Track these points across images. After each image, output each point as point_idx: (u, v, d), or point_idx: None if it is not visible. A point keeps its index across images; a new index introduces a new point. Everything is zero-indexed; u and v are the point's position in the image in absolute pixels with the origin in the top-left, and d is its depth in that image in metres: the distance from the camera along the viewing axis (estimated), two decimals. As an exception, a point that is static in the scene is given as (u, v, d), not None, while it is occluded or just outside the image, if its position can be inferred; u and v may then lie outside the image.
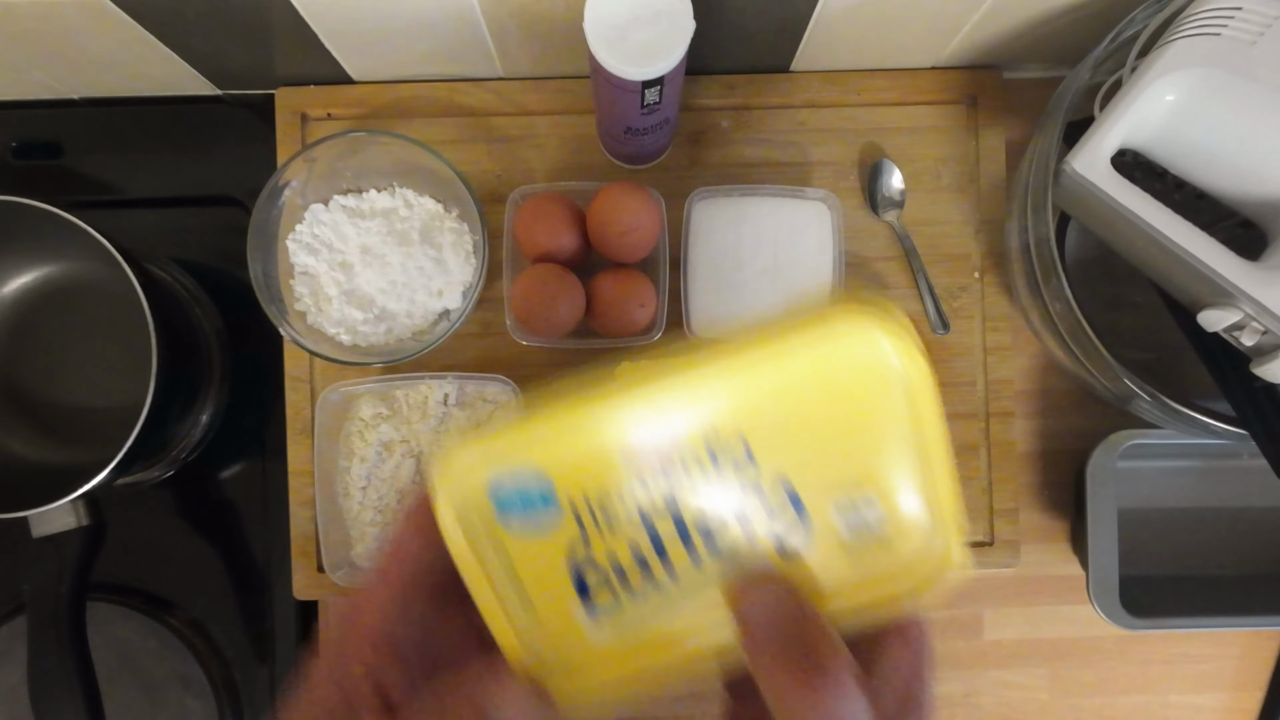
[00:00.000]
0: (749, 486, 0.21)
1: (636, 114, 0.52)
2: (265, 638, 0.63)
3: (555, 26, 0.55)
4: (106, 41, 0.55)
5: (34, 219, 0.54)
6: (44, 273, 0.62)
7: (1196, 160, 0.48)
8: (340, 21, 0.53)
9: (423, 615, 0.23)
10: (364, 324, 0.59)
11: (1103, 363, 0.52)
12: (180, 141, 0.65)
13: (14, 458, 0.61)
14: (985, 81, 0.64)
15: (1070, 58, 0.54)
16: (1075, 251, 0.60)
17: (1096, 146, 0.47)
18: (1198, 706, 0.66)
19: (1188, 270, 0.46)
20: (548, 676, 0.22)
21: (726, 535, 0.21)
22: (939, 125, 0.65)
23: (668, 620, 0.22)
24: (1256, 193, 0.48)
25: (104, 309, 0.62)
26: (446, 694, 0.21)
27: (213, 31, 0.54)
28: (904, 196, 0.64)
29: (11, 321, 0.62)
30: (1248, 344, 0.46)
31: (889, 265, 0.64)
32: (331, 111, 0.64)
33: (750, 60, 0.63)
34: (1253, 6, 0.44)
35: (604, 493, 0.21)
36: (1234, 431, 0.51)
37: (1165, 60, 0.46)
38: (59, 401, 0.62)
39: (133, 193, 0.65)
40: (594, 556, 0.21)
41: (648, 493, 0.21)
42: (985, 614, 0.65)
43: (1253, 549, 0.66)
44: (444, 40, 0.56)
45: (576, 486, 0.21)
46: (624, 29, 0.46)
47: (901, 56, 0.63)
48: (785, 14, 0.55)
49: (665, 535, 0.21)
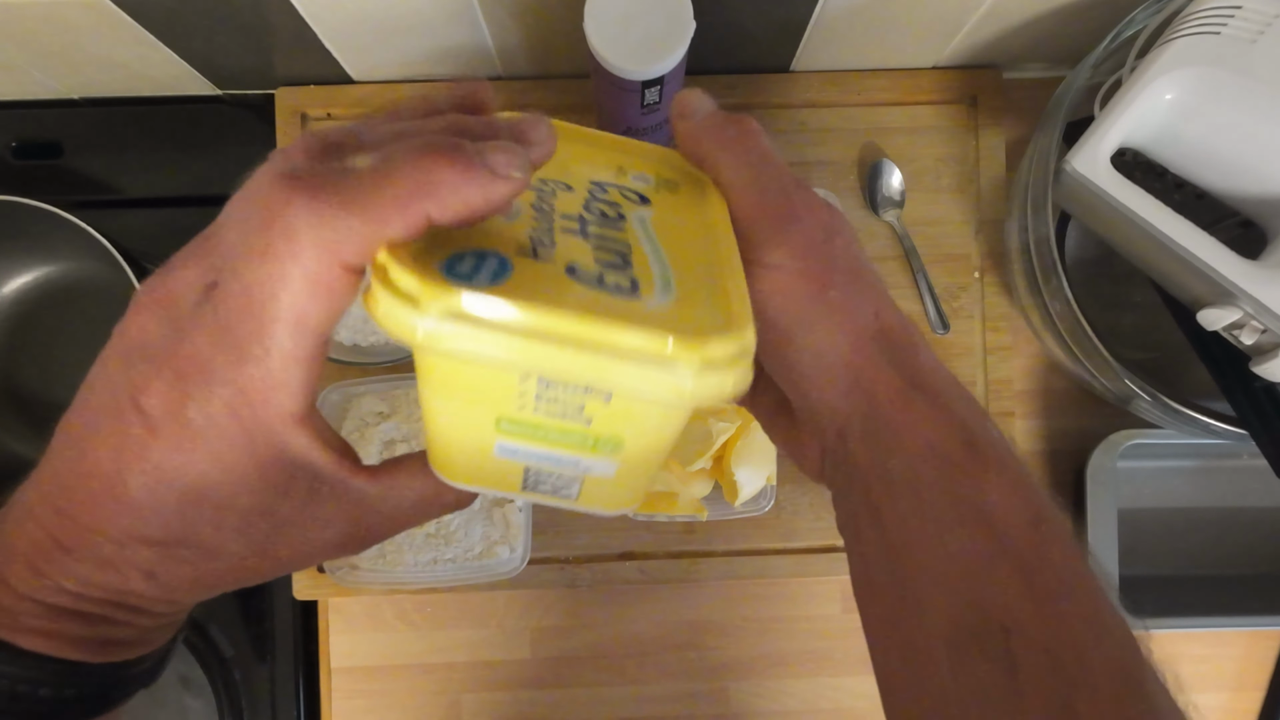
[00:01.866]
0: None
1: (636, 113, 0.52)
2: (265, 638, 0.63)
3: (555, 26, 0.55)
4: (106, 41, 0.55)
5: (34, 219, 0.54)
6: (44, 273, 0.62)
7: (1196, 159, 0.49)
8: (340, 21, 0.53)
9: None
10: (364, 323, 0.59)
11: (1103, 363, 0.52)
12: (180, 141, 0.65)
13: (14, 457, 0.61)
14: (985, 81, 0.64)
15: (1070, 58, 0.54)
16: (1075, 251, 0.60)
17: (1096, 146, 0.47)
18: (1197, 706, 0.66)
19: (1187, 269, 0.46)
20: None
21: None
22: (939, 125, 0.65)
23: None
24: (1256, 192, 0.48)
25: (104, 309, 0.62)
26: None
27: (213, 32, 0.54)
28: (904, 196, 0.64)
29: (11, 321, 0.62)
30: (1247, 343, 0.46)
31: (889, 265, 0.64)
32: (331, 111, 0.64)
33: (750, 60, 0.63)
34: (1253, 5, 0.44)
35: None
36: (1234, 431, 0.51)
37: (1165, 59, 0.46)
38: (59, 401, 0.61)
39: (133, 193, 0.65)
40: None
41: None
42: (985, 614, 0.65)
43: (1252, 549, 0.66)
44: (444, 40, 0.56)
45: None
46: (624, 28, 0.46)
47: (901, 56, 0.63)
48: (785, 14, 0.55)
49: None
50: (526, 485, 0.22)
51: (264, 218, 0.19)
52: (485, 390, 0.19)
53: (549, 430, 0.20)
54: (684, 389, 0.18)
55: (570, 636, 0.64)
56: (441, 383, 0.20)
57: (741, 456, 0.57)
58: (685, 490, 0.58)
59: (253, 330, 0.19)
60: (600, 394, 0.19)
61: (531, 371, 0.19)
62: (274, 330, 0.19)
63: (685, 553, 0.63)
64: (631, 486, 0.23)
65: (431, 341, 0.18)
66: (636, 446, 0.21)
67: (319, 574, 0.61)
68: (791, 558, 0.63)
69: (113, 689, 0.24)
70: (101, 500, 0.21)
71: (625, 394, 0.19)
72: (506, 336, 0.18)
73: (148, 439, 0.20)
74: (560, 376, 0.19)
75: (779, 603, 0.65)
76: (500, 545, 0.60)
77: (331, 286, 0.19)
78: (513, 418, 0.20)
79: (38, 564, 0.22)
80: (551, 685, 0.64)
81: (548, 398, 0.19)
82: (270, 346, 0.19)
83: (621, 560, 0.63)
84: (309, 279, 0.19)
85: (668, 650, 0.64)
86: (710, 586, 0.64)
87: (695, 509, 0.59)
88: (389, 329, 0.18)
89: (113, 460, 0.21)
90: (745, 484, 0.57)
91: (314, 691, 0.64)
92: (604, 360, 0.18)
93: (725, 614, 0.64)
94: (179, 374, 0.20)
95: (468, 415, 0.20)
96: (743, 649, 0.65)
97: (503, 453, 0.21)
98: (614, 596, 0.64)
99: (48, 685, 0.23)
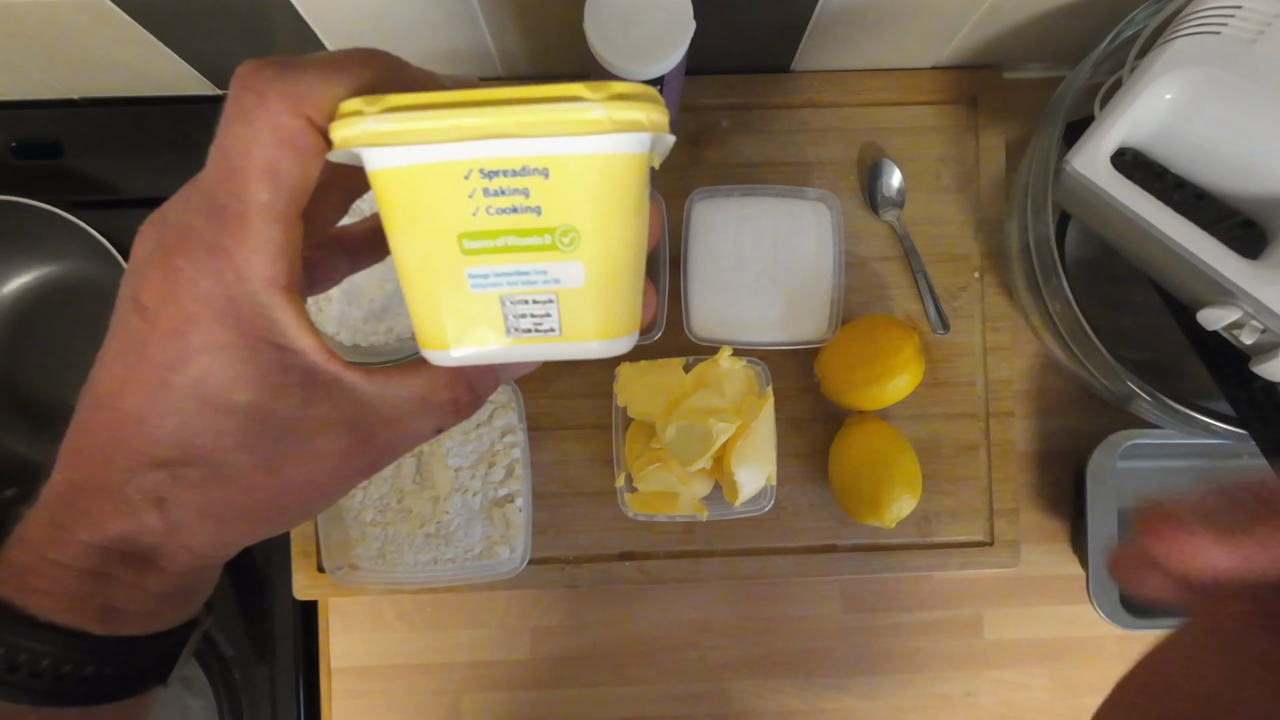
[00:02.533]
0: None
1: (636, 114, 0.52)
2: (265, 638, 0.63)
3: (555, 26, 0.55)
4: (106, 41, 0.55)
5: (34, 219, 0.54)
6: (44, 273, 0.62)
7: (1196, 159, 0.49)
8: (340, 21, 0.53)
9: None
10: (365, 323, 0.59)
11: (1103, 363, 0.52)
12: (180, 141, 0.65)
13: (14, 457, 0.61)
14: (985, 81, 0.64)
15: (1070, 58, 0.54)
16: (1075, 251, 0.60)
17: (1096, 145, 0.47)
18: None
19: (1187, 269, 0.46)
20: None
21: None
22: (939, 125, 0.65)
23: None
24: (1256, 191, 0.48)
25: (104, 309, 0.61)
26: None
27: (213, 31, 0.54)
28: (904, 196, 0.64)
29: (11, 321, 0.62)
30: (1247, 342, 0.46)
31: (889, 265, 0.64)
32: (331, 111, 0.64)
33: (750, 60, 0.63)
34: (1253, 5, 0.44)
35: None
36: (1234, 431, 0.51)
37: (1165, 59, 0.46)
38: (59, 401, 0.62)
39: (133, 193, 0.65)
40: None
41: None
42: (985, 614, 0.65)
43: (1253, 549, 0.66)
44: (444, 40, 0.56)
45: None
46: (624, 28, 0.46)
47: (901, 56, 0.63)
48: (785, 14, 0.55)
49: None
50: (509, 329, 0.23)
51: (237, 89, 0.21)
52: (438, 203, 0.22)
53: (507, 234, 0.22)
54: (601, 120, 0.21)
55: (570, 636, 0.64)
56: (401, 208, 0.22)
57: (741, 456, 0.57)
58: (685, 490, 0.58)
59: (230, 189, 0.21)
60: (538, 171, 0.21)
61: (471, 163, 0.21)
62: (250, 185, 0.21)
63: (685, 553, 0.63)
64: (609, 302, 0.23)
65: (373, 137, 0.21)
66: (596, 239, 0.22)
67: (319, 574, 0.61)
68: (791, 558, 0.63)
69: (114, 673, 0.24)
70: (109, 423, 0.22)
71: (558, 162, 0.21)
72: (436, 114, 0.21)
73: (147, 332, 0.22)
74: (494, 152, 0.21)
75: (779, 603, 0.65)
76: (500, 545, 0.60)
77: (297, 139, 0.21)
78: (471, 231, 0.22)
79: (56, 514, 0.23)
80: (551, 685, 0.64)
81: (494, 191, 0.21)
82: (248, 200, 0.21)
83: (621, 560, 0.63)
84: (276, 130, 0.21)
85: (668, 650, 0.64)
86: (710, 586, 0.64)
87: (695, 509, 0.59)
88: (346, 141, 0.21)
89: (118, 374, 0.22)
90: (745, 484, 0.57)
91: (314, 691, 0.64)
92: (524, 114, 0.20)
93: (725, 614, 0.65)
94: (168, 256, 0.21)
95: (432, 246, 0.22)
96: (743, 649, 0.65)
97: (475, 284, 0.22)
98: (614, 596, 0.64)
99: (49, 657, 0.23)
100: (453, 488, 0.60)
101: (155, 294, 0.22)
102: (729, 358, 0.58)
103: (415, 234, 0.22)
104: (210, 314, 0.21)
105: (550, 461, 0.63)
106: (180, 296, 0.21)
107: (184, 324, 0.21)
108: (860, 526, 0.63)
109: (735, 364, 0.59)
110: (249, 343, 0.22)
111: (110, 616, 0.24)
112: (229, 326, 0.21)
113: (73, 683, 0.23)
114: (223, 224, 0.21)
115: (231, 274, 0.21)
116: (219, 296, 0.21)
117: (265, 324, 0.22)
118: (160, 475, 0.22)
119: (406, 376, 0.24)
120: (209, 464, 0.23)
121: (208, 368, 0.22)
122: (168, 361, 0.22)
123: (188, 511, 0.23)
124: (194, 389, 0.22)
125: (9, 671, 0.22)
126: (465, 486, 0.61)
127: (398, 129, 0.21)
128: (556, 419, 0.64)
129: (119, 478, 0.22)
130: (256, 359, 0.22)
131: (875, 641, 0.65)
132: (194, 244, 0.21)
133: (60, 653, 0.23)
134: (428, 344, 0.24)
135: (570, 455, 0.63)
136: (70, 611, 0.23)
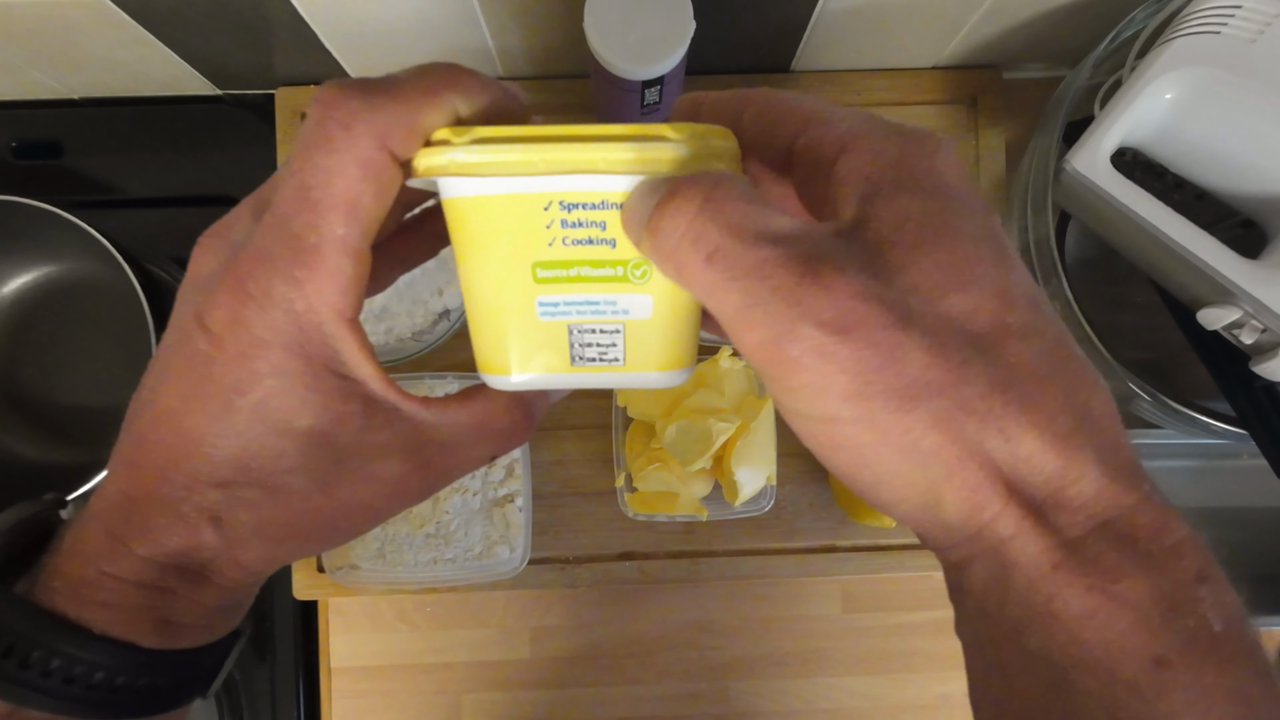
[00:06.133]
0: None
1: (636, 114, 0.52)
2: (265, 638, 0.63)
3: (555, 26, 0.55)
4: (106, 41, 0.55)
5: (34, 219, 0.54)
6: (44, 273, 0.62)
7: (1196, 159, 0.49)
8: (340, 21, 0.53)
9: None
10: (364, 324, 0.59)
11: (1103, 363, 0.52)
12: (180, 141, 0.65)
13: (14, 457, 0.61)
14: (985, 81, 0.64)
15: (1070, 58, 0.54)
16: (1075, 251, 0.60)
17: (1096, 145, 0.47)
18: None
19: (1187, 268, 0.46)
20: None
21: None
22: (939, 125, 0.65)
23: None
24: (1256, 191, 0.48)
25: (104, 309, 0.62)
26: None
27: (213, 32, 0.54)
28: (904, 196, 0.64)
29: (11, 321, 0.62)
30: (1247, 342, 0.46)
31: (889, 265, 0.64)
32: (331, 111, 0.64)
33: (750, 60, 0.63)
34: (1253, 5, 0.44)
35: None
36: (1234, 431, 0.51)
37: (1165, 59, 0.46)
38: (59, 401, 0.62)
39: (133, 193, 0.65)
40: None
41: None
42: (985, 614, 0.65)
43: (1252, 549, 0.66)
44: (444, 40, 0.56)
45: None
46: (624, 28, 0.46)
47: (901, 56, 0.63)
48: (785, 14, 0.55)
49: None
50: (574, 356, 0.23)
51: (320, 116, 0.21)
52: (516, 232, 0.22)
53: (581, 265, 0.22)
54: (683, 159, 0.21)
55: (570, 636, 0.64)
56: (478, 235, 0.22)
57: (741, 456, 0.57)
58: (685, 490, 0.58)
59: (308, 220, 0.21)
60: (616, 206, 0.22)
61: (553, 195, 0.21)
62: (328, 217, 0.21)
63: (685, 553, 0.63)
64: (673, 335, 0.23)
65: (460, 168, 0.21)
66: None
67: (319, 574, 0.61)
68: (791, 558, 0.63)
69: (164, 685, 0.24)
70: (169, 440, 0.22)
71: None
72: (523, 147, 0.21)
73: (213, 354, 0.22)
74: (576, 185, 0.21)
75: (779, 603, 0.65)
76: (500, 545, 0.60)
77: (380, 172, 0.21)
78: (546, 260, 0.22)
79: (112, 526, 0.23)
80: (551, 685, 0.64)
81: (572, 223, 0.22)
82: (325, 233, 0.21)
83: (621, 560, 0.63)
84: (361, 163, 0.21)
85: (668, 650, 0.64)
86: (710, 586, 0.64)
87: (695, 509, 0.59)
88: (431, 170, 0.21)
89: (180, 392, 0.22)
90: (745, 484, 0.57)
91: (314, 691, 0.64)
92: (610, 150, 0.21)
93: (725, 614, 0.65)
94: (239, 280, 0.21)
95: (506, 274, 0.22)
96: (743, 649, 0.65)
97: (545, 312, 0.23)
98: (614, 596, 0.64)
99: (104, 669, 0.23)
100: (452, 488, 0.60)
101: (224, 317, 0.22)
102: (729, 358, 0.58)
103: (489, 260, 0.22)
104: (279, 342, 0.21)
105: (550, 461, 0.63)
106: (250, 322, 0.21)
107: (252, 349, 0.21)
108: (860, 526, 0.63)
109: (735, 364, 0.59)
110: (314, 370, 0.22)
111: (165, 629, 0.24)
112: (295, 355, 0.22)
113: (126, 694, 0.23)
114: (298, 255, 0.21)
115: (302, 304, 0.21)
116: (288, 325, 0.21)
117: (329, 353, 0.22)
118: (218, 494, 0.23)
119: (464, 403, 0.25)
120: (266, 485, 0.23)
121: (272, 393, 0.22)
122: (232, 385, 0.22)
123: (243, 530, 0.23)
124: (257, 413, 0.22)
125: (65, 684, 0.22)
126: (465, 486, 0.61)
127: (486, 160, 0.21)
128: (556, 419, 0.64)
129: (177, 494, 0.23)
130: (320, 386, 0.22)
131: (875, 641, 0.65)
132: (268, 272, 0.21)
133: (116, 665, 0.23)
134: (489, 368, 0.24)
135: (570, 455, 0.63)
136: (126, 624, 0.23)
